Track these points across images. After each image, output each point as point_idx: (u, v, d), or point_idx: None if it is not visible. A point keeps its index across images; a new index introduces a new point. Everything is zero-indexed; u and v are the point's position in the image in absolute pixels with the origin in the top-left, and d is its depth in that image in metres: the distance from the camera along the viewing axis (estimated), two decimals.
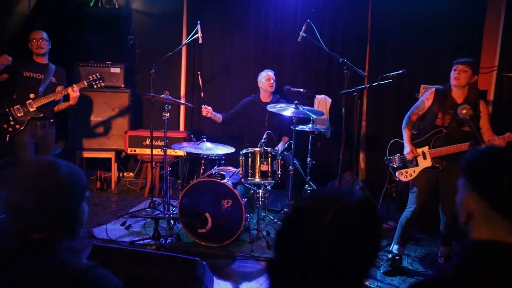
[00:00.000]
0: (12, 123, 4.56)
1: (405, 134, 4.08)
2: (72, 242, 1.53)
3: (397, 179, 4.15)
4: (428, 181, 3.97)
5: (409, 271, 4.07)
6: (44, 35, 4.70)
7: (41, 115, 4.64)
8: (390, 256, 4.09)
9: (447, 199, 3.98)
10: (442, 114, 3.88)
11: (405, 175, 4.07)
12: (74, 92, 4.69)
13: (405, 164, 4.08)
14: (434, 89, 4.08)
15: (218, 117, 5.49)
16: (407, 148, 4.02)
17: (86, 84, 4.84)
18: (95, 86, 4.89)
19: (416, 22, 5.87)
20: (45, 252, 1.43)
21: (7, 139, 4.54)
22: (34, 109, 4.58)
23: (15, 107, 4.56)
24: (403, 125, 4.12)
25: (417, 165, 4.00)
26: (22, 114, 4.56)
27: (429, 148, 3.92)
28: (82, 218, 1.57)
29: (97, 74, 4.91)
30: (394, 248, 4.08)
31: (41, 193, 1.44)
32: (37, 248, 1.42)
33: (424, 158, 3.96)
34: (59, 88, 4.81)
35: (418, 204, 3.96)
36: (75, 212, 1.53)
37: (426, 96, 4.04)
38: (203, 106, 5.35)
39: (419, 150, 3.98)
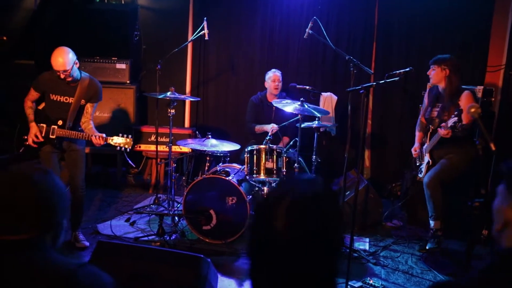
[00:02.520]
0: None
1: (416, 135, 4.42)
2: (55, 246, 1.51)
3: (420, 176, 4.46)
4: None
5: (414, 270, 4.05)
6: (67, 62, 3.87)
7: (57, 145, 4.10)
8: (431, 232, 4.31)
9: (431, 168, 4.27)
10: (431, 108, 4.17)
11: (420, 172, 4.43)
12: (97, 140, 4.07)
13: (420, 162, 4.41)
14: (428, 88, 4.40)
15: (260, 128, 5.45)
16: (413, 147, 4.38)
17: (110, 141, 4.17)
18: (117, 149, 4.24)
19: (423, 19, 5.84)
20: (30, 251, 1.40)
21: (22, 150, 4.11)
22: (53, 137, 4.05)
23: (40, 125, 4.07)
24: (416, 126, 4.49)
25: (423, 161, 4.36)
26: (43, 135, 4.05)
27: (427, 144, 4.23)
28: (62, 231, 1.55)
29: (129, 135, 4.27)
30: (431, 223, 4.30)
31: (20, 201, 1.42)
32: (20, 248, 1.40)
33: (425, 154, 4.30)
34: (88, 106, 4.19)
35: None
36: (60, 221, 1.51)
37: (425, 95, 4.38)
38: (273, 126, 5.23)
39: (423, 148, 4.31)
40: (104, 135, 4.10)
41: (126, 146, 4.24)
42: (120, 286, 1.50)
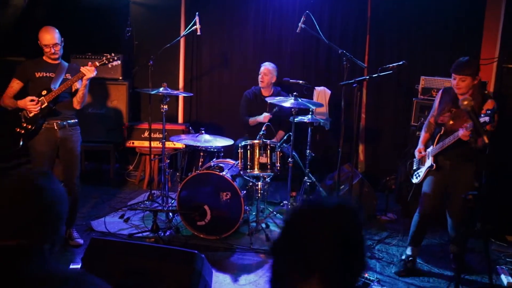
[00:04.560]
0: (24, 124, 3.98)
1: (421, 135, 4.03)
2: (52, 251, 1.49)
3: (413, 181, 4.07)
4: (434, 184, 3.83)
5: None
6: (56, 37, 4.00)
7: (54, 108, 4.01)
8: (403, 257, 4.02)
9: (453, 200, 3.84)
10: (444, 111, 3.77)
11: (416, 177, 4.01)
12: (88, 70, 4.00)
13: (419, 166, 4.02)
14: (442, 89, 3.98)
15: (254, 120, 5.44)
16: (417, 148, 3.98)
17: (98, 65, 4.12)
18: (109, 66, 4.41)
19: (416, 12, 5.84)
20: (27, 258, 1.38)
21: (21, 142, 3.98)
22: (45, 104, 3.95)
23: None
24: (423, 127, 4.06)
25: (423, 165, 3.94)
26: (32, 114, 3.97)
27: (433, 147, 3.81)
28: (61, 235, 1.54)
29: (112, 54, 4.29)
30: (408, 250, 3.99)
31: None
32: (19, 255, 1.37)
33: (428, 157, 3.88)
34: (75, 84, 4.16)
35: (423, 208, 3.86)
36: (58, 226, 1.51)
37: (437, 97, 3.95)
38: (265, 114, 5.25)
39: (427, 151, 3.89)
40: (90, 63, 4.09)
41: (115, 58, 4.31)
42: (114, 283, 1.49)
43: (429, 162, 3.84)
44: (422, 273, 3.92)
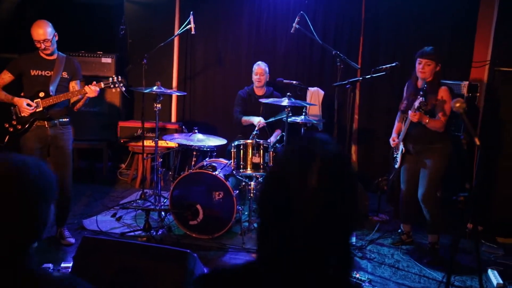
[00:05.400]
0: (14, 122, 3.95)
1: (394, 125, 4.43)
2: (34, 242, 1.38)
3: (395, 167, 4.41)
4: (407, 169, 4.26)
5: (400, 264, 4.09)
6: (48, 32, 3.90)
7: (48, 115, 3.98)
8: (399, 230, 4.57)
9: (420, 185, 4.13)
10: (412, 100, 4.03)
11: (395, 163, 4.38)
12: (92, 91, 4.00)
13: (397, 153, 4.32)
14: (408, 80, 4.30)
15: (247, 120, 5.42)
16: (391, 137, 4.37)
17: (102, 86, 4.11)
18: (113, 90, 4.36)
19: (410, 14, 5.87)
20: (9, 264, 1.28)
21: (6, 139, 3.95)
22: (40, 108, 3.93)
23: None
24: (396, 118, 4.40)
25: (399, 151, 4.27)
26: (26, 113, 3.93)
27: (401, 134, 4.18)
28: (48, 220, 1.39)
29: (118, 77, 4.20)
30: (401, 225, 4.53)
31: (6, 201, 1.28)
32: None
33: (399, 143, 4.24)
34: (72, 84, 4.17)
35: (404, 185, 4.30)
36: (42, 216, 1.36)
37: (404, 88, 4.32)
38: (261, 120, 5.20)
39: (399, 138, 4.24)
40: (95, 82, 4.05)
41: (121, 83, 4.21)
42: (106, 282, 1.47)
43: (400, 146, 4.23)
44: (413, 273, 3.94)
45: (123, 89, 4.28)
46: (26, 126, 3.96)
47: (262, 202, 1.16)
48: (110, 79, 4.18)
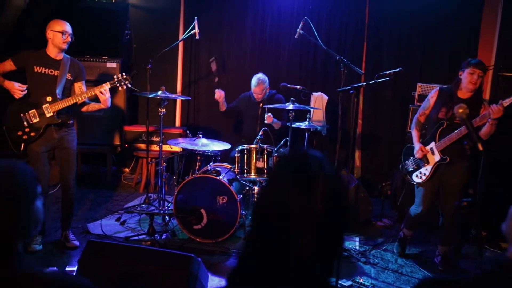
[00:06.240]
0: (27, 130, 3.92)
1: (414, 135, 4.14)
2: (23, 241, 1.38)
3: (414, 183, 4.15)
4: (432, 179, 4.00)
5: (404, 269, 4.09)
6: (70, 27, 4.03)
7: (60, 121, 3.99)
8: (399, 236, 4.43)
9: (447, 198, 3.98)
10: (445, 108, 3.89)
11: (420, 176, 4.06)
12: (103, 95, 4.07)
13: (418, 165, 4.08)
14: (438, 88, 4.10)
15: (224, 105, 5.55)
16: (416, 147, 4.06)
17: (109, 86, 4.14)
18: (120, 88, 4.29)
19: (413, 20, 5.89)
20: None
21: (22, 147, 3.93)
22: (51, 114, 3.92)
23: (30, 112, 3.91)
24: (412, 126, 4.18)
25: (428, 162, 4.01)
26: (38, 120, 3.92)
27: (435, 142, 3.92)
28: (37, 217, 1.41)
29: (123, 74, 4.25)
30: (404, 230, 4.37)
31: None
32: None
33: (433, 153, 3.96)
34: (78, 85, 4.17)
35: (425, 206, 4.05)
36: (26, 214, 1.36)
37: (431, 95, 4.09)
38: (217, 90, 5.40)
39: (428, 147, 3.99)
40: (104, 85, 4.11)
41: (126, 80, 4.25)
42: (110, 286, 1.47)
43: (436, 157, 3.93)
44: (416, 278, 3.94)
45: (129, 86, 4.28)
46: (40, 132, 3.95)
47: (258, 217, 1.19)
48: (115, 77, 4.21)
